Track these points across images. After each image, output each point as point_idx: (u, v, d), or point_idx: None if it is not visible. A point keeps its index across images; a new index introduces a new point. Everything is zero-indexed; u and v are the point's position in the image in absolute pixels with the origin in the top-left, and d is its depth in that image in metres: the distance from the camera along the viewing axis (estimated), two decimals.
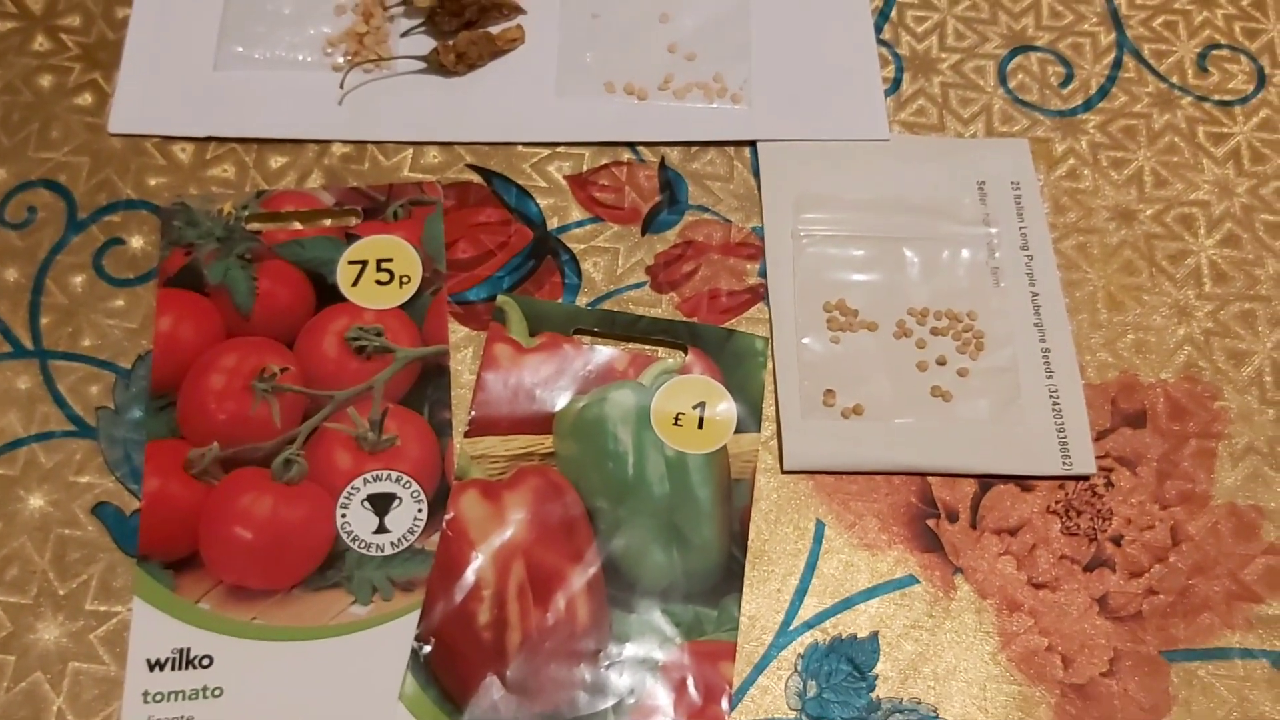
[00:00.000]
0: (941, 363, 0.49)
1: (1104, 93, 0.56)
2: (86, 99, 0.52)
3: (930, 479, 0.47)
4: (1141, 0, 0.59)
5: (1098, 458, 0.47)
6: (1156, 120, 0.56)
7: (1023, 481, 0.47)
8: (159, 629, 0.42)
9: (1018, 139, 0.55)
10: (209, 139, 0.52)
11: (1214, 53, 0.58)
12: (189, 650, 0.42)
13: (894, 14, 0.58)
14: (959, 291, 0.51)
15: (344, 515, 0.44)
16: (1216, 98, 0.56)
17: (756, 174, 0.53)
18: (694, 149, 0.54)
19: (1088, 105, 0.56)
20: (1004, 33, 0.58)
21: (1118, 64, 0.57)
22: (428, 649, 0.42)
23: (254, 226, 0.50)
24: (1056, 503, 0.46)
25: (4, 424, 0.45)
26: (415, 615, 0.43)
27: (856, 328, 0.49)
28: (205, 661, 0.41)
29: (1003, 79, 0.56)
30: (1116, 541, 0.46)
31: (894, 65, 0.56)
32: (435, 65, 0.53)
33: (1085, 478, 0.47)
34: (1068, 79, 0.57)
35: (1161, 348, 0.50)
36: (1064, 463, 0.47)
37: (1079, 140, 0.55)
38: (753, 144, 0.54)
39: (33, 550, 0.43)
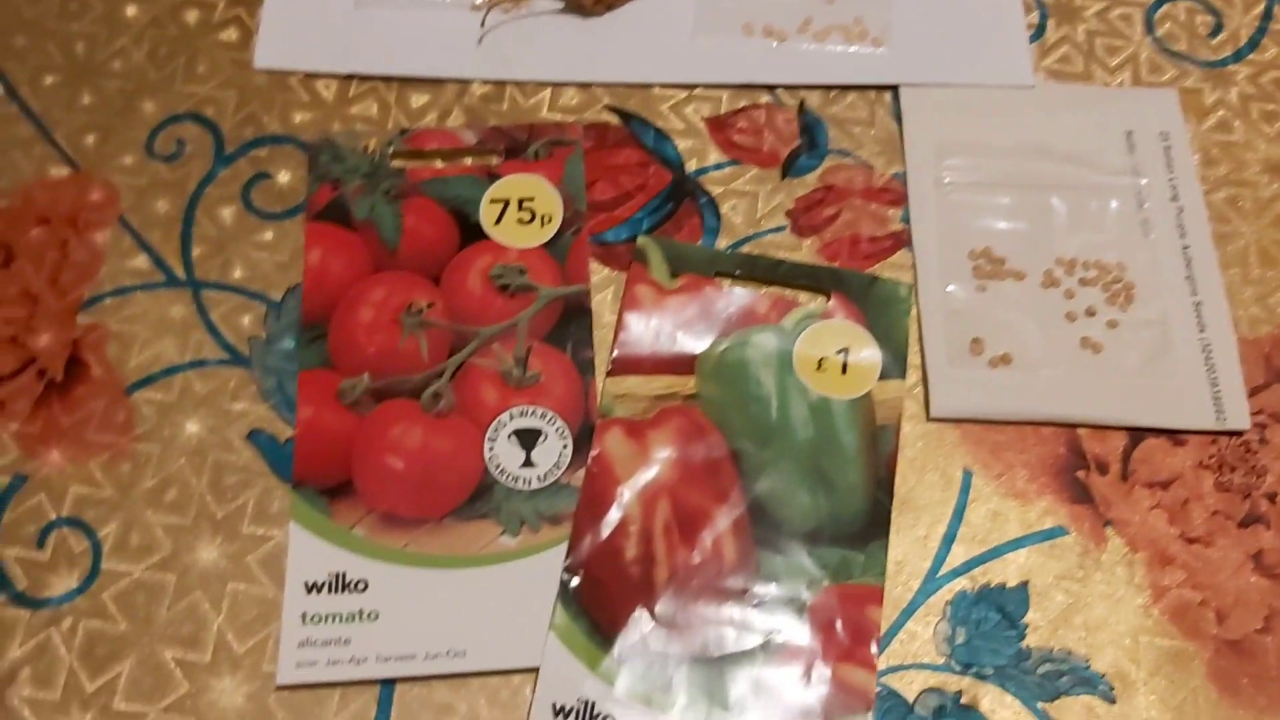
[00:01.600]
0: (1091, 314, 0.48)
1: (1254, 44, 0.55)
2: (231, 34, 0.53)
3: (1079, 430, 0.46)
4: None
5: (1252, 414, 0.46)
6: None
7: (1174, 435, 0.46)
8: (315, 553, 0.43)
9: (1166, 89, 0.54)
10: (351, 76, 0.52)
11: None
12: (345, 574, 0.42)
13: None
14: (1107, 242, 0.50)
15: (491, 448, 0.45)
16: None
17: (898, 119, 0.52)
18: (834, 93, 0.53)
19: (1237, 56, 0.55)
20: None
21: (1267, 14, 0.56)
22: (576, 581, 0.42)
23: (399, 164, 0.50)
24: (1210, 458, 0.46)
25: (160, 351, 0.46)
26: (563, 548, 0.43)
27: (1003, 276, 0.49)
28: (361, 586, 0.42)
29: (1150, 27, 0.55)
30: (1271, 498, 0.45)
31: (1038, 11, 0.55)
32: (573, 6, 0.53)
33: (1239, 433, 0.46)
34: (1216, 29, 0.55)
35: None
36: (1217, 417, 0.46)
37: (1229, 92, 0.54)
38: (894, 88, 0.53)
39: (190, 474, 0.44)
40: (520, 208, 0.49)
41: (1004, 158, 0.51)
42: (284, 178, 0.50)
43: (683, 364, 0.46)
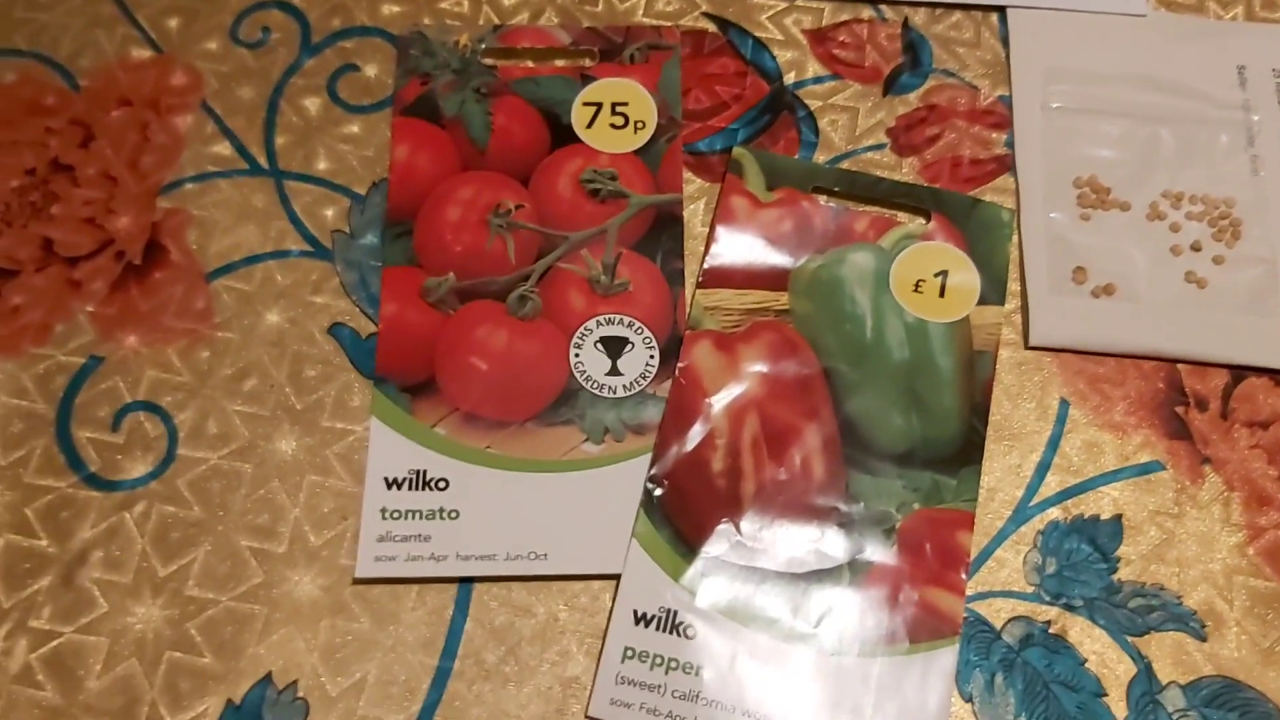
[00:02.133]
0: (1196, 249, 0.46)
1: None
2: None
3: (1180, 366, 0.45)
4: None
5: None
6: None
7: (1276, 375, 0.45)
8: (396, 449, 0.42)
9: None
10: None
11: None
12: (425, 472, 0.41)
13: None
14: (1216, 178, 0.48)
15: (577, 355, 0.44)
16: None
17: (1005, 41, 0.50)
18: (939, 11, 0.51)
19: None
20: None
21: None
22: (660, 491, 0.41)
23: (490, 61, 0.49)
24: None
25: (242, 239, 0.45)
26: (646, 458, 0.42)
27: (1108, 206, 0.47)
28: (441, 484, 0.41)
29: None
30: None
31: None
32: None
33: None
34: None
35: None
36: None
37: None
38: (1002, 9, 0.51)
39: (270, 364, 0.43)
40: (614, 112, 0.48)
41: (1113, 86, 0.49)
42: (371, 70, 0.49)
43: (776, 278, 0.45)
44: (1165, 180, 0.48)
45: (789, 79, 0.49)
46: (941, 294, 0.45)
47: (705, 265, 0.45)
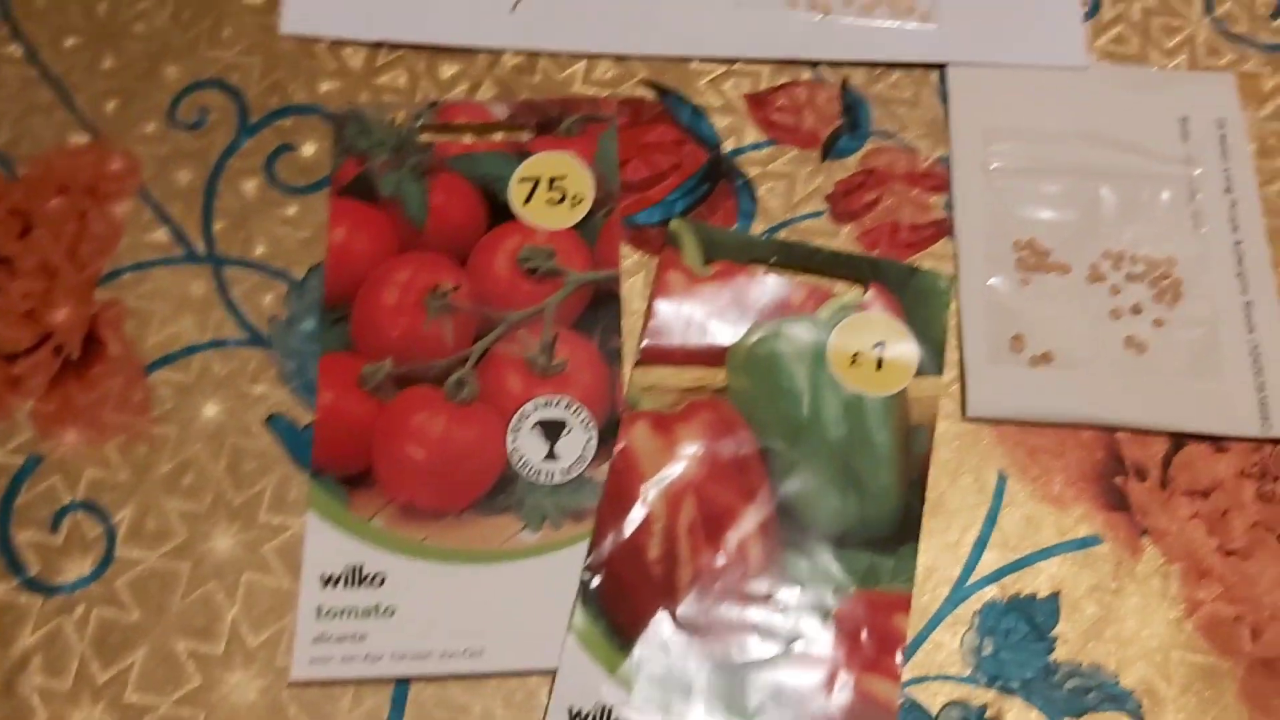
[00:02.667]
0: (1136, 311, 0.46)
1: None
2: None
3: (1119, 434, 0.45)
4: None
5: None
6: None
7: (1217, 442, 0.45)
8: (333, 544, 0.42)
9: (1224, 73, 0.51)
10: (380, 44, 0.50)
11: None
12: (362, 567, 0.42)
13: None
14: (1157, 235, 0.48)
15: (514, 439, 0.44)
16: None
17: (945, 100, 0.50)
18: (879, 70, 0.51)
19: None
20: None
21: None
22: (597, 581, 0.42)
23: (427, 138, 0.48)
24: (1252, 465, 0.44)
25: (179, 330, 0.45)
26: (584, 545, 0.42)
27: (1048, 269, 0.47)
28: (378, 580, 0.41)
29: (1209, 6, 0.53)
30: None
31: None
32: None
33: None
34: (1278, 9, 0.53)
35: None
36: (1263, 424, 0.44)
37: None
38: (942, 67, 0.51)
39: (208, 459, 0.44)
40: (551, 187, 0.48)
41: (1053, 143, 0.49)
42: (309, 150, 0.49)
43: (714, 355, 0.45)
44: (1106, 240, 0.48)
45: (727, 146, 0.49)
46: (879, 366, 0.45)
47: (642, 343, 0.45)
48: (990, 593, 0.42)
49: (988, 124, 0.49)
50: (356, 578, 0.41)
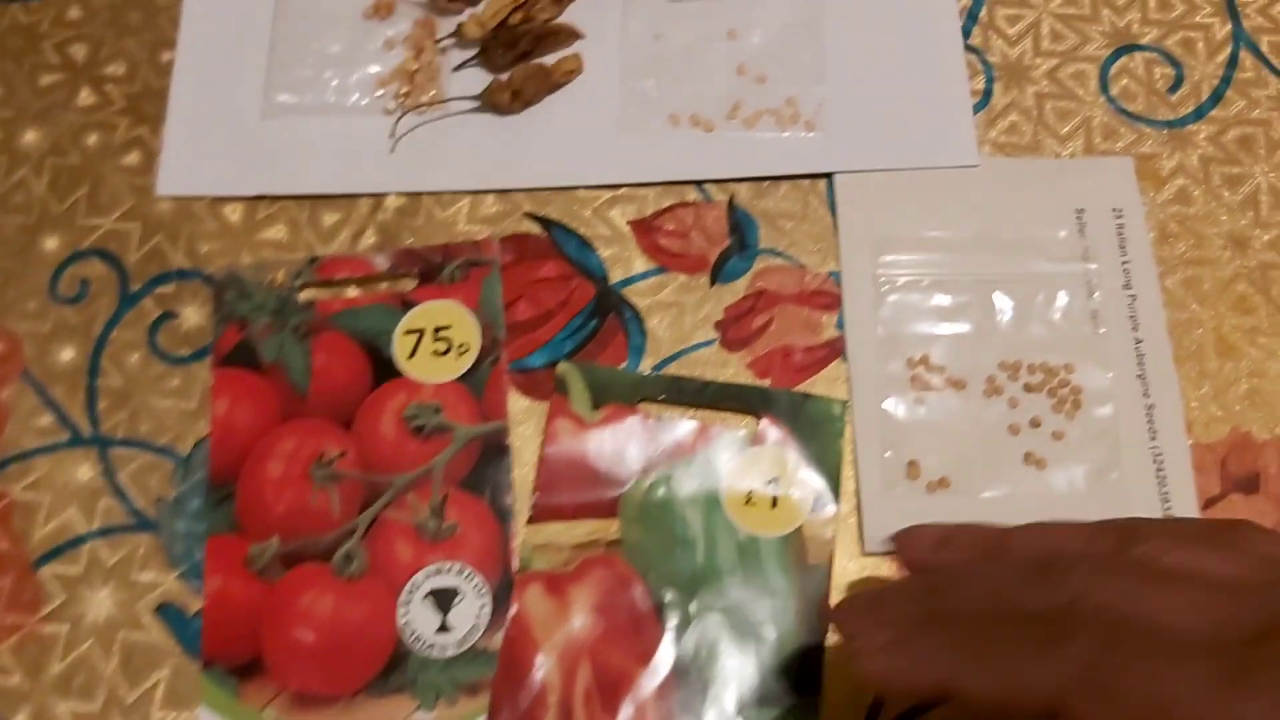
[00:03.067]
0: (1035, 424, 0.45)
1: (1218, 97, 0.51)
2: (134, 158, 0.51)
3: None
4: None
5: None
6: (1277, 127, 0.50)
7: None
8: None
9: (1121, 157, 0.50)
10: (260, 197, 0.50)
11: None
12: None
13: (983, 14, 0.53)
14: (1054, 340, 0.47)
15: (405, 613, 0.43)
16: None
17: (834, 210, 0.49)
18: (765, 184, 0.50)
19: (1199, 113, 0.51)
20: (1106, 30, 0.52)
21: (1233, 61, 0.52)
22: None
23: (308, 296, 0.48)
24: None
25: (67, 519, 0.45)
26: None
27: (942, 387, 0.46)
28: None
29: (1104, 86, 0.51)
30: None
31: (984, 75, 0.52)
32: (489, 104, 0.50)
33: None
34: (1177, 82, 0.51)
35: (1276, 400, 0.46)
36: None
37: (1189, 155, 0.50)
38: (829, 176, 0.50)
39: (99, 655, 0.43)
40: (436, 338, 0.47)
41: (945, 250, 0.48)
42: (191, 316, 0.48)
43: (606, 506, 0.44)
44: (1002, 350, 0.47)
45: (615, 277, 0.48)
46: (774, 505, 0.44)
47: (534, 497, 0.45)
48: None
49: (877, 235, 0.48)
50: None
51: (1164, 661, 0.28)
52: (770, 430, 0.45)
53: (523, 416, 0.46)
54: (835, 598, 0.43)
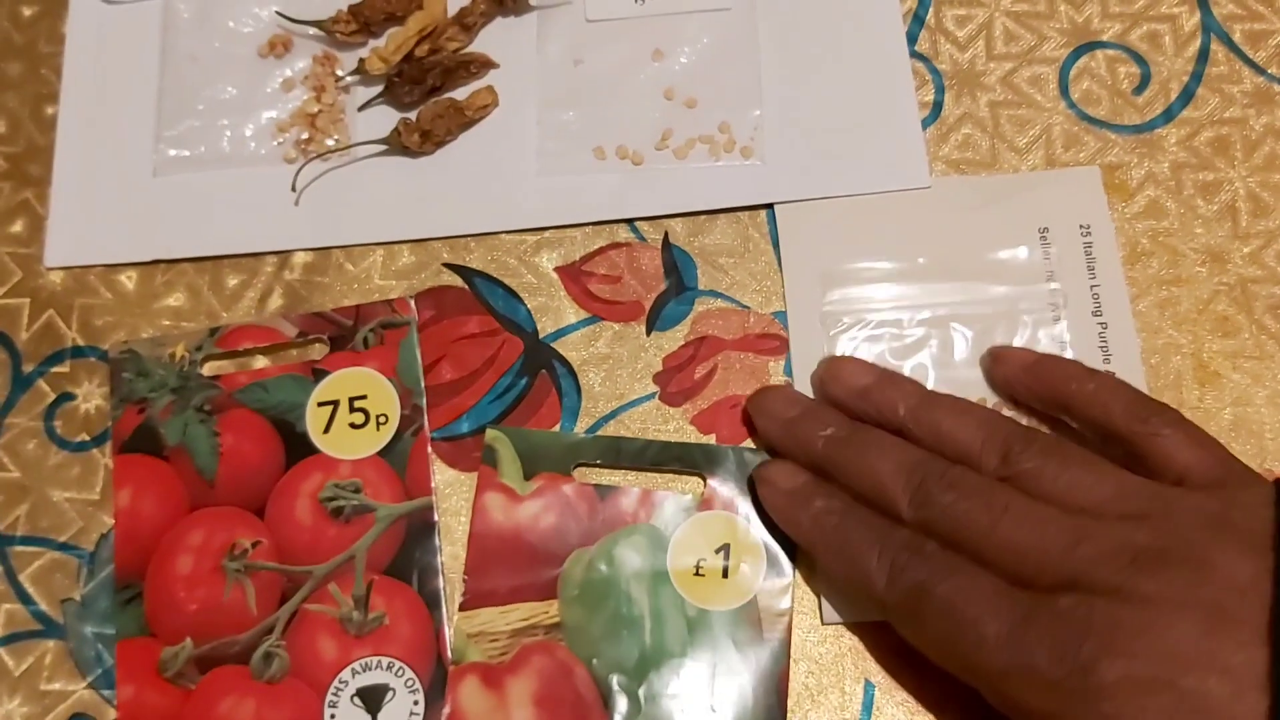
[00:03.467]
0: None
1: (1188, 96, 0.47)
2: (19, 226, 0.47)
3: None
4: None
5: None
6: (1253, 125, 0.47)
7: None
8: None
9: (1086, 168, 0.46)
10: (157, 262, 0.46)
11: None
12: None
13: (930, 16, 0.49)
14: None
15: (333, 715, 0.40)
16: None
17: (776, 244, 0.46)
18: (702, 219, 0.46)
19: (1169, 115, 0.47)
20: (1064, 28, 0.49)
21: (1204, 55, 0.48)
22: None
23: (211, 369, 0.44)
24: None
25: None
26: None
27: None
28: None
29: (1065, 89, 0.48)
30: None
31: (932, 84, 0.48)
32: (398, 146, 0.46)
33: None
34: (1144, 81, 0.48)
35: (1264, 429, 0.43)
36: None
37: (1160, 163, 0.46)
38: (770, 207, 0.46)
39: None
40: (352, 409, 0.44)
41: (894, 282, 0.45)
42: (89, 397, 0.45)
43: (543, 587, 0.41)
44: (964, 388, 0.43)
45: (545, 329, 0.45)
46: (725, 574, 0.41)
47: (465, 580, 0.41)
48: None
49: (821, 269, 0.45)
50: None
51: (976, 599, 0.34)
52: (718, 491, 0.42)
53: (450, 490, 0.43)
54: (794, 673, 0.40)
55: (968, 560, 0.35)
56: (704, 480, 0.42)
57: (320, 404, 0.43)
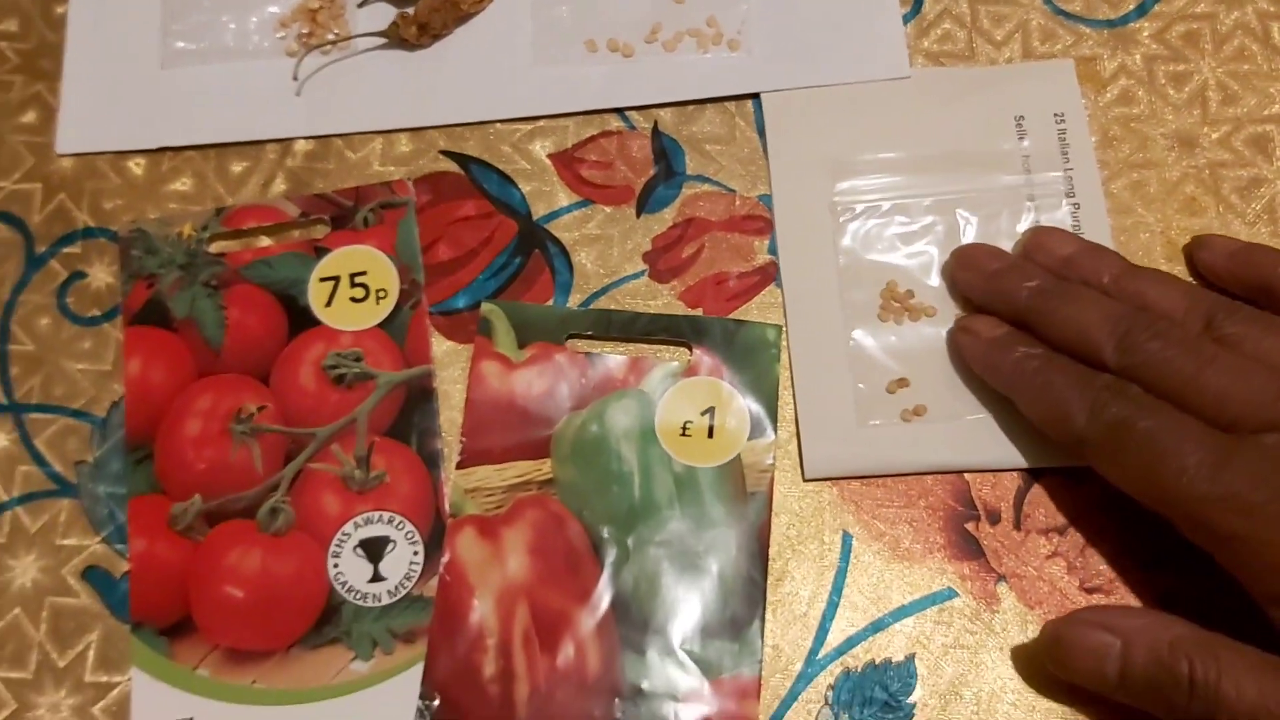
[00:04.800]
0: None
1: None
2: (31, 116, 0.49)
3: (969, 477, 0.42)
4: None
5: None
6: (1223, 20, 0.49)
7: (1072, 474, 0.42)
8: (160, 699, 0.41)
9: (1060, 60, 0.48)
10: (163, 150, 0.48)
11: None
12: None
13: None
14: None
15: (336, 565, 0.42)
16: None
17: (762, 132, 0.47)
18: (690, 108, 0.48)
19: (1141, 10, 0.49)
20: None
21: None
22: (434, 705, 0.40)
23: (217, 248, 0.46)
24: (1112, 495, 0.42)
25: None
26: (419, 669, 0.40)
27: (913, 315, 0.44)
28: None
29: None
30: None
31: None
32: (396, 39, 0.48)
33: None
34: None
35: None
36: None
37: (1132, 55, 0.48)
38: (756, 97, 0.48)
39: (28, 622, 0.42)
40: (353, 284, 0.45)
41: (899, 173, 0.46)
42: (100, 275, 0.46)
43: (538, 446, 0.43)
44: None
45: (538, 212, 0.47)
46: (710, 434, 0.43)
47: (462, 442, 0.43)
48: (843, 664, 0.40)
49: (829, 161, 0.46)
50: None
51: (1180, 433, 0.35)
52: (704, 360, 0.44)
53: (447, 360, 0.45)
54: (775, 525, 0.42)
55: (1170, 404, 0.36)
56: (690, 349, 0.44)
57: (322, 279, 0.45)
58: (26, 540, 0.43)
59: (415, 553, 0.42)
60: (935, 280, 0.45)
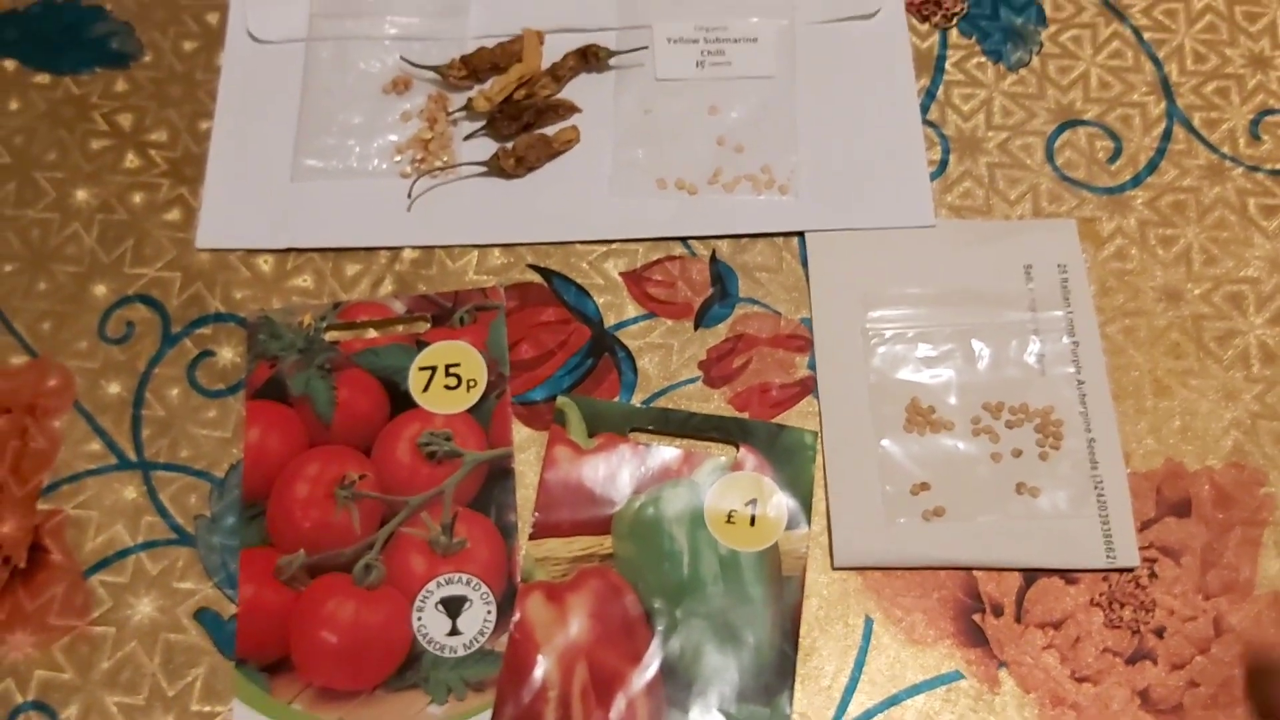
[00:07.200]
0: (1017, 455, 0.50)
1: (1153, 167, 0.57)
2: (175, 215, 0.56)
3: (976, 573, 0.49)
4: (1193, 66, 0.59)
5: (1141, 548, 0.49)
6: (1206, 194, 0.56)
7: (1067, 574, 0.48)
8: None
9: (1065, 219, 0.56)
10: (289, 250, 0.55)
11: (1267, 119, 0.58)
12: None
13: (940, 93, 0.59)
14: (1008, 382, 0.52)
15: (419, 618, 0.48)
16: (1269, 167, 0.57)
17: (805, 264, 0.55)
18: (744, 241, 0.56)
19: (1136, 181, 0.57)
20: (1052, 107, 0.59)
21: (1167, 135, 0.58)
22: None
23: (332, 336, 0.53)
24: (1100, 595, 0.48)
25: (114, 535, 0.50)
26: (487, 715, 0.46)
27: (935, 428, 0.51)
28: None
29: (1050, 156, 0.57)
30: (1159, 634, 0.47)
31: (940, 146, 0.58)
32: (496, 169, 0.56)
33: (1129, 570, 0.48)
34: (1116, 153, 0.57)
35: (1207, 434, 0.51)
36: (1108, 555, 0.48)
37: (1127, 218, 0.56)
38: (801, 234, 0.56)
39: (143, 654, 0.48)
40: (447, 374, 0.52)
41: (922, 306, 0.53)
42: (226, 354, 0.53)
43: (600, 524, 0.49)
44: (985, 393, 0.52)
45: (609, 321, 0.54)
46: (752, 523, 0.49)
47: (535, 516, 0.49)
48: None
49: (861, 291, 0.54)
50: None
51: None
52: (749, 458, 0.50)
53: (525, 444, 0.51)
54: (806, 607, 0.48)
55: None
56: (737, 447, 0.51)
57: (421, 368, 0.52)
58: (147, 582, 0.49)
59: (489, 611, 0.48)
60: (954, 399, 0.51)
